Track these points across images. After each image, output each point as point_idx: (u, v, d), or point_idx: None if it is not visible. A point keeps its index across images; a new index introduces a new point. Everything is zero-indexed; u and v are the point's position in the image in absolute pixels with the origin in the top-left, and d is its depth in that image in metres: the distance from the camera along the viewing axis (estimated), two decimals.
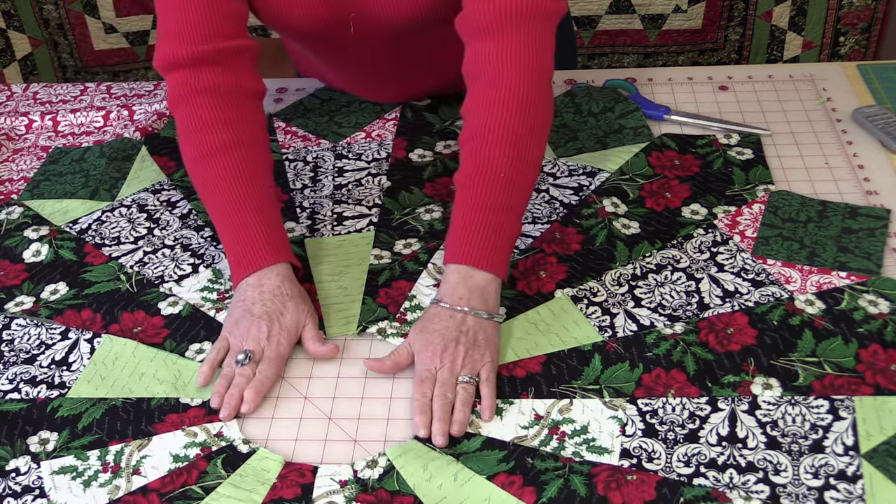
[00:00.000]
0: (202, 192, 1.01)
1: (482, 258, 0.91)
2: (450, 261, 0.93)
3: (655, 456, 0.79)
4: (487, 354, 0.88)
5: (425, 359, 0.88)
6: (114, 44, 2.34)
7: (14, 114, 1.32)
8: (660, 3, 2.17)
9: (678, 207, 1.05)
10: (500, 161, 0.93)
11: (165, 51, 1.01)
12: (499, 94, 0.93)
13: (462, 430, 0.83)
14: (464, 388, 0.86)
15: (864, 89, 1.22)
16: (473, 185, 0.93)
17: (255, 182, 0.99)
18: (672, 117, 1.19)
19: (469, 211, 0.93)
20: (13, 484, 0.82)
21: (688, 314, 0.92)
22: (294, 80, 1.36)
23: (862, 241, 0.97)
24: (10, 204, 1.16)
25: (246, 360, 0.89)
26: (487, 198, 0.93)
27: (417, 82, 1.23)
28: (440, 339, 0.88)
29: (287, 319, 0.92)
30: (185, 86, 1.00)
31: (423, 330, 0.90)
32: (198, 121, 0.99)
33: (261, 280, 0.94)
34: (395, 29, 1.08)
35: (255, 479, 0.80)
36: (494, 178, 0.93)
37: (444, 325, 0.89)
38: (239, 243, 0.97)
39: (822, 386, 0.83)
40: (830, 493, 0.75)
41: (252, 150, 1.01)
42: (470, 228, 0.93)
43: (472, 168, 0.94)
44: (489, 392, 0.86)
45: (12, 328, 0.98)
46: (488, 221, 0.92)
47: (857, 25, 2.16)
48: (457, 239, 0.93)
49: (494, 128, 0.93)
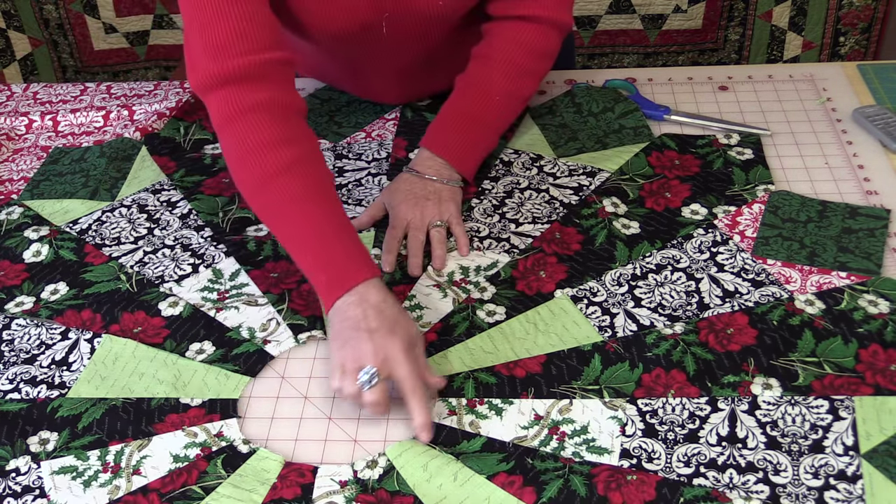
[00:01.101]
0: (272, 216, 0.93)
1: (458, 158, 1.08)
2: (428, 146, 1.08)
3: (655, 456, 0.79)
4: (452, 205, 1.05)
5: (398, 211, 1.05)
6: (114, 44, 2.35)
7: (14, 114, 1.32)
8: (660, 3, 2.17)
9: (678, 207, 1.05)
10: (500, 87, 1.09)
11: (206, 67, 0.92)
12: (522, 31, 1.09)
13: (442, 265, 1.00)
14: (437, 231, 1.03)
15: (864, 89, 1.22)
16: (470, 95, 1.09)
17: (331, 199, 0.93)
18: (672, 117, 1.19)
19: (458, 115, 1.09)
20: (13, 484, 0.82)
21: (688, 314, 0.92)
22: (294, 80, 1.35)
23: (862, 241, 0.97)
24: (10, 204, 1.16)
25: (371, 380, 0.82)
26: (478, 111, 1.09)
27: (432, 84, 1.24)
28: (411, 196, 1.05)
29: (405, 330, 0.86)
30: (235, 104, 0.92)
31: (395, 190, 1.07)
32: (255, 142, 0.92)
33: (363, 297, 0.87)
34: (424, 26, 1.09)
35: (255, 480, 0.80)
36: (489, 99, 1.09)
37: (413, 186, 1.06)
38: (331, 263, 0.90)
39: (821, 386, 0.83)
40: (830, 493, 0.75)
41: (318, 165, 0.95)
42: (455, 129, 1.08)
43: (474, 80, 1.10)
44: (461, 230, 1.03)
45: (12, 328, 0.98)
46: (471, 130, 1.08)
47: (857, 25, 2.16)
48: (441, 133, 1.09)
49: (507, 58, 1.09)
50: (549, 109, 1.22)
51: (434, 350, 0.91)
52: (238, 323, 0.96)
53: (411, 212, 1.04)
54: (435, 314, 0.95)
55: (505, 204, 1.08)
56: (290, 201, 0.91)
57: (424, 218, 1.04)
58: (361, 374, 0.82)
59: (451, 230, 1.04)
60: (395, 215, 1.05)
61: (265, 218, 0.95)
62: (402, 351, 0.84)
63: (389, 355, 0.83)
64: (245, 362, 0.92)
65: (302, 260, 0.92)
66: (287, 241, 0.93)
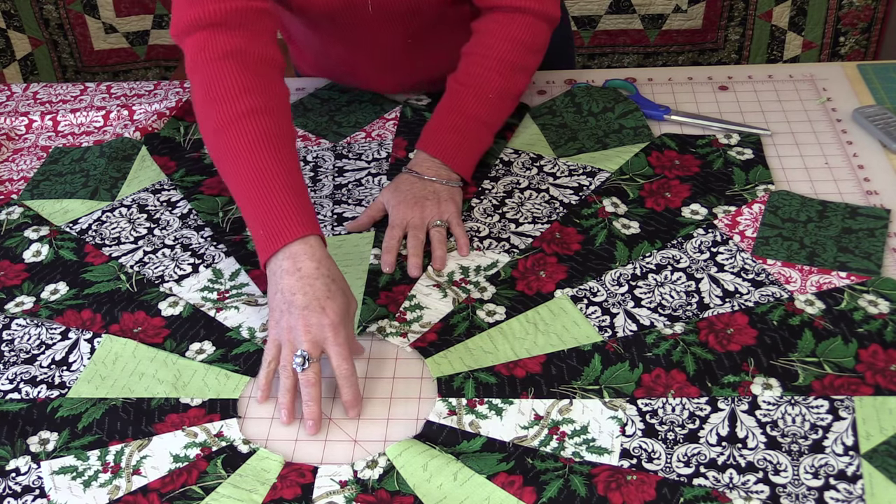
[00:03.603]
0: (223, 160, 0.93)
1: (454, 159, 1.08)
2: (424, 148, 1.09)
3: (655, 456, 0.79)
4: (452, 205, 1.05)
5: (398, 211, 1.05)
6: (114, 44, 2.35)
7: (14, 114, 1.32)
8: (660, 3, 2.17)
9: (678, 207, 1.05)
10: (493, 85, 1.09)
11: (182, 14, 0.95)
12: (511, 26, 1.08)
13: (442, 265, 1.00)
14: (437, 231, 1.03)
15: (864, 89, 1.22)
16: (463, 94, 1.09)
17: (285, 152, 0.92)
18: (672, 117, 1.19)
19: (453, 115, 1.09)
20: (13, 484, 0.82)
21: (688, 314, 0.92)
22: (294, 79, 1.35)
23: (862, 241, 0.97)
24: (10, 204, 1.16)
25: (305, 364, 0.84)
26: (472, 110, 1.09)
27: (425, 68, 1.23)
28: (411, 196, 1.05)
29: (336, 304, 0.86)
30: (206, 51, 0.94)
31: (395, 190, 1.07)
32: (221, 88, 0.93)
33: (296, 264, 0.87)
34: (411, 4, 1.10)
35: (255, 480, 0.80)
36: (483, 97, 1.09)
37: (413, 186, 1.06)
38: (270, 216, 0.89)
39: (821, 386, 0.83)
40: (830, 493, 0.75)
41: (280, 118, 0.94)
42: (450, 130, 1.08)
43: (466, 78, 1.10)
44: (461, 231, 1.03)
45: (12, 328, 0.98)
46: (466, 130, 1.08)
47: (857, 25, 2.16)
48: (436, 134, 1.09)
49: (497, 55, 1.08)
50: (549, 109, 1.22)
51: (434, 350, 0.91)
52: (238, 323, 0.96)
53: (411, 211, 1.04)
54: (435, 314, 0.95)
55: (505, 204, 1.08)
56: (243, 148, 0.91)
57: (424, 218, 1.04)
58: (295, 358, 0.84)
59: (451, 230, 1.04)
60: (394, 215, 1.05)
61: (218, 164, 0.95)
62: (332, 329, 0.85)
63: (319, 337, 0.85)
64: (245, 362, 0.92)
65: (245, 210, 0.92)
66: (234, 189, 0.93)
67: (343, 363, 0.85)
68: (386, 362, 0.91)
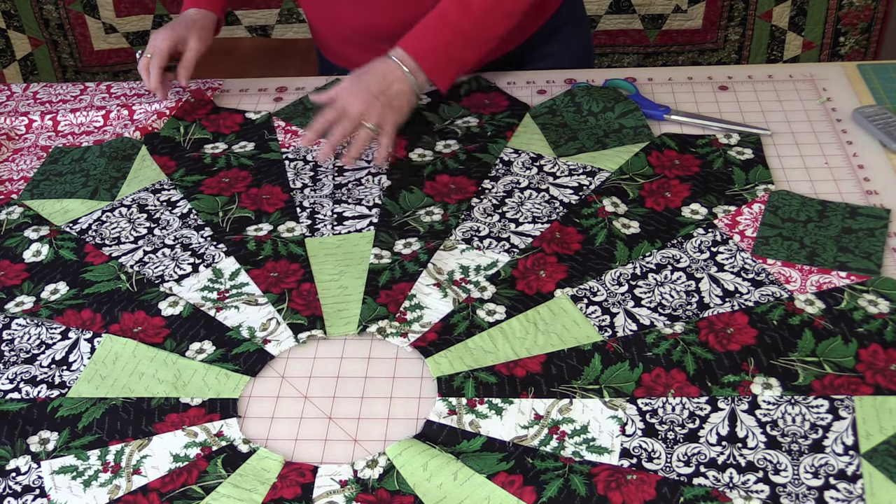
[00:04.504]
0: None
1: (434, 68, 1.13)
2: (410, 52, 1.12)
3: (655, 456, 0.79)
4: (393, 114, 1.10)
5: (346, 95, 1.10)
6: (114, 44, 2.35)
7: (14, 114, 1.32)
8: (660, 3, 2.17)
9: (678, 207, 1.05)
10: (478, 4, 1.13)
11: None
12: None
13: (350, 162, 1.10)
14: (366, 132, 1.08)
15: (864, 89, 1.22)
16: (451, 7, 1.12)
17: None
18: (672, 117, 1.19)
19: (445, 25, 1.13)
20: (13, 484, 0.82)
21: (688, 314, 0.92)
22: (294, 79, 1.36)
23: (862, 241, 0.97)
24: (10, 204, 1.16)
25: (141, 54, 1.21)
26: (459, 23, 1.12)
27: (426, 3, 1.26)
28: (365, 87, 1.09)
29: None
30: None
31: (359, 75, 1.12)
32: None
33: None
34: None
35: (255, 479, 0.80)
36: (468, 9, 1.12)
37: (375, 78, 1.10)
38: None
39: (821, 386, 0.83)
40: (830, 493, 0.75)
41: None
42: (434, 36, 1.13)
43: None
44: (386, 141, 1.10)
45: (12, 328, 0.98)
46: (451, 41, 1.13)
47: (857, 25, 2.16)
48: (419, 39, 1.13)
49: None
50: (549, 109, 1.22)
51: (434, 350, 0.91)
52: (238, 322, 0.96)
53: (356, 103, 1.09)
54: (435, 314, 0.95)
55: (505, 203, 1.08)
56: None
57: (363, 115, 1.09)
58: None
59: (378, 139, 1.11)
60: (341, 96, 1.10)
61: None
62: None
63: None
64: (245, 362, 0.92)
65: None
66: None
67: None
68: (386, 362, 0.91)
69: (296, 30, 2.30)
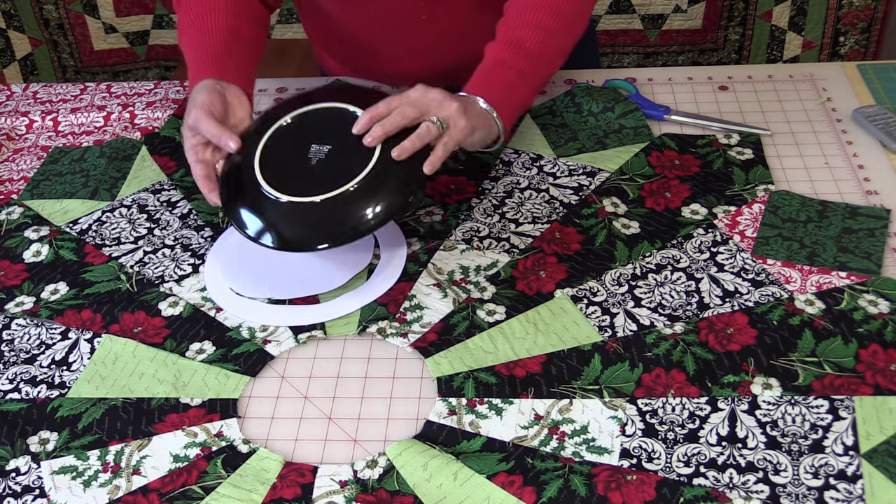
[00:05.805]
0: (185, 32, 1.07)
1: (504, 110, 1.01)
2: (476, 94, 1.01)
3: (655, 456, 0.79)
4: (468, 126, 0.95)
5: (418, 87, 0.96)
6: (114, 44, 2.35)
7: (14, 114, 1.32)
8: (660, 3, 2.18)
9: (678, 207, 1.05)
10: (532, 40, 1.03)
11: None
12: None
13: (401, 155, 0.92)
14: (427, 125, 0.94)
15: (864, 89, 1.22)
16: (507, 52, 1.02)
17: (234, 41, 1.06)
18: (672, 117, 1.19)
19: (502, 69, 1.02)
20: (13, 484, 0.82)
21: (688, 314, 0.92)
22: (294, 79, 1.36)
23: (862, 241, 0.97)
24: (10, 204, 1.16)
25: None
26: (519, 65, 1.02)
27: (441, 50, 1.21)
28: (443, 90, 0.96)
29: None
30: None
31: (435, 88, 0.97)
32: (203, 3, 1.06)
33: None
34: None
35: (255, 479, 0.80)
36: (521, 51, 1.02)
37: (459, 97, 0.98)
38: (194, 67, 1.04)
39: (821, 386, 0.83)
40: (830, 493, 0.75)
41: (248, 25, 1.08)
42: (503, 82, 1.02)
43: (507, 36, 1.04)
44: (441, 153, 0.94)
45: (12, 328, 0.98)
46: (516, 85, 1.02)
47: (857, 25, 2.16)
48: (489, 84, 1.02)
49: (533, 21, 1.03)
50: (549, 109, 1.22)
51: (434, 350, 0.91)
52: (238, 323, 0.96)
53: (428, 93, 0.95)
54: (435, 314, 0.95)
55: (505, 204, 1.08)
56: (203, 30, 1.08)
57: (431, 106, 0.95)
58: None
59: (436, 141, 0.95)
60: (413, 89, 0.97)
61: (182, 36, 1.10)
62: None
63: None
64: (245, 362, 0.92)
65: None
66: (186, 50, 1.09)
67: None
68: (386, 362, 0.91)
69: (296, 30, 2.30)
